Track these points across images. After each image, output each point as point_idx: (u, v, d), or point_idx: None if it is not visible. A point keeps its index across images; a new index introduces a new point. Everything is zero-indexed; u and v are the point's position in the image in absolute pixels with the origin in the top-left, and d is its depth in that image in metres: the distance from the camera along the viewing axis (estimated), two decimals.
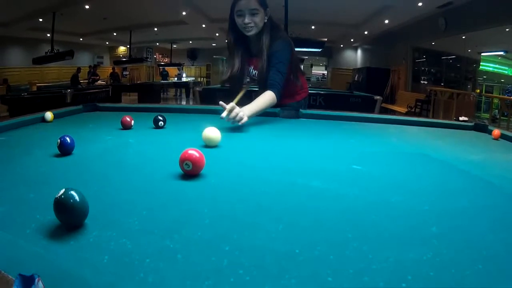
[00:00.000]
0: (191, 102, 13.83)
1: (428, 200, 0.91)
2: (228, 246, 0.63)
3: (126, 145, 1.41)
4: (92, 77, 13.49)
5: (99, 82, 13.48)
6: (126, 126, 1.70)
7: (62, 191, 0.64)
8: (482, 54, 8.25)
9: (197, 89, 6.34)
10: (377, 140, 1.73)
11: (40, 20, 9.95)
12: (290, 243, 0.65)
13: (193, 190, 0.91)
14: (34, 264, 0.51)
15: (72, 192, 0.64)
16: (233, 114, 1.61)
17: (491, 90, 8.67)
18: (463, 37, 8.61)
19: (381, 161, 1.32)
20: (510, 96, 7.49)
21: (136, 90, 12.14)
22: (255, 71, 2.15)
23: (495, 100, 7.85)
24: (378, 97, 5.48)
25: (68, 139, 1.16)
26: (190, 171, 0.96)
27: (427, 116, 7.60)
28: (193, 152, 0.96)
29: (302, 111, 2.20)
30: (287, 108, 2.22)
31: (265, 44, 2.00)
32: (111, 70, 15.17)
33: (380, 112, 8.02)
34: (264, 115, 1.96)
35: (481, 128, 2.07)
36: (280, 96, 1.93)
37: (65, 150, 1.16)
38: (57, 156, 1.17)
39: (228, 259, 0.59)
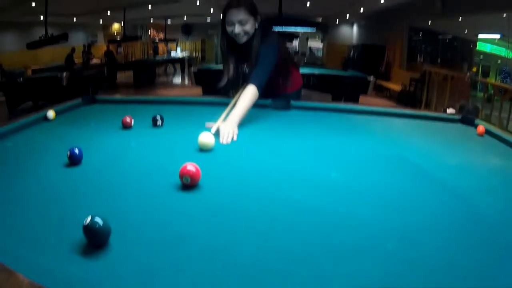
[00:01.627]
0: (186, 78, 13.81)
1: (391, 214, 1.04)
2: (220, 262, 0.79)
3: (129, 151, 1.54)
4: (87, 56, 13.46)
5: (94, 61, 13.46)
6: (126, 126, 1.81)
7: (89, 218, 0.79)
8: (479, 36, 8.27)
9: (192, 70, 6.41)
10: (358, 139, 1.81)
11: (33, 4, 9.82)
12: (267, 260, 0.81)
13: (191, 203, 1.06)
14: (76, 283, 0.67)
15: (97, 220, 0.79)
16: (224, 136, 1.65)
17: (488, 69, 8.74)
18: (460, 19, 8.58)
19: (358, 166, 1.44)
20: (505, 79, 7.59)
21: (131, 68, 12.12)
22: (248, 69, 2.25)
23: (492, 80, 7.96)
24: (371, 78, 5.58)
25: (77, 151, 1.28)
26: (189, 184, 1.11)
27: (421, 96, 7.68)
28: (191, 168, 1.11)
29: (293, 102, 2.32)
30: (278, 99, 2.33)
31: (255, 48, 2.10)
32: (106, 49, 15.07)
33: (375, 90, 8.12)
34: (255, 106, 2.01)
35: (468, 121, 2.10)
36: (261, 88, 2.00)
37: (74, 161, 1.28)
38: (67, 166, 1.28)
39: (221, 273, 0.75)
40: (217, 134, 1.67)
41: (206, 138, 1.48)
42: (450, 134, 1.96)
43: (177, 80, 14.32)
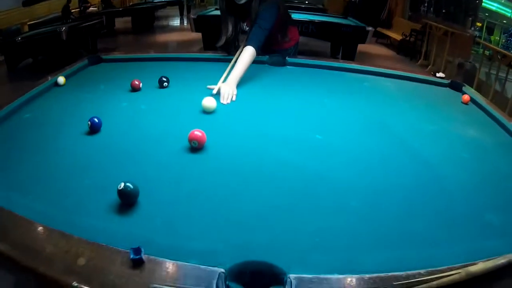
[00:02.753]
0: (185, 21, 13.55)
1: (364, 176, 1.23)
2: (223, 213, 1.02)
3: (141, 114, 1.68)
4: (84, 5, 13.16)
5: (91, 9, 13.18)
6: (135, 89, 1.95)
7: (122, 184, 0.99)
8: None
9: (192, 16, 6.33)
10: (347, 100, 1.95)
11: None
12: (258, 210, 1.04)
13: (199, 164, 1.27)
14: (120, 235, 0.88)
15: (128, 184, 1.00)
16: (224, 97, 1.81)
17: (493, 26, 8.55)
18: None
19: (341, 128, 1.61)
20: (510, 41, 7.47)
21: (129, 14, 11.90)
22: (247, 27, 2.35)
23: (496, 37, 7.86)
24: (370, 28, 5.59)
25: (96, 120, 1.44)
26: (197, 147, 1.32)
27: (421, 47, 7.57)
28: (198, 133, 1.31)
29: (289, 59, 2.44)
30: (275, 55, 2.46)
31: (254, 9, 2.18)
32: None
33: (376, 36, 7.99)
34: (252, 62, 2.12)
35: (456, 87, 2.17)
36: (259, 48, 2.12)
37: (95, 130, 1.44)
38: (88, 134, 1.42)
39: (224, 219, 0.99)
40: (218, 95, 1.83)
41: (208, 102, 1.67)
42: (436, 100, 2.05)
43: (176, 23, 14.04)
